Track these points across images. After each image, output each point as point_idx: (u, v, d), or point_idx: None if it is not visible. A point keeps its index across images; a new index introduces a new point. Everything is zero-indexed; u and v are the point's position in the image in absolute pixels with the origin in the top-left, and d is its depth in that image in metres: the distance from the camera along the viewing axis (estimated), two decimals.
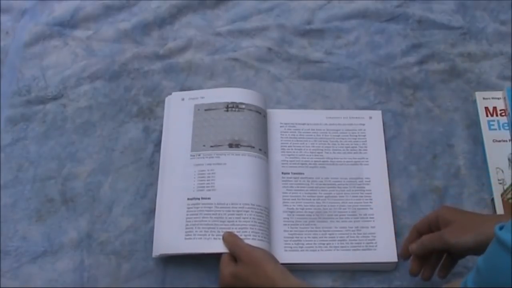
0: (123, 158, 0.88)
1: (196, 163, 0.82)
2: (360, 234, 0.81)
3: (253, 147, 0.82)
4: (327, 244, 0.80)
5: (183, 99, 0.88)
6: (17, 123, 0.90)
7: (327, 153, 0.86)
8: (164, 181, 0.83)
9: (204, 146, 0.83)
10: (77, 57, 0.96)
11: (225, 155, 0.82)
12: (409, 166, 0.87)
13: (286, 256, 0.78)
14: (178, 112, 0.87)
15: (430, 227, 0.73)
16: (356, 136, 0.88)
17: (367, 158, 0.86)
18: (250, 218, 0.77)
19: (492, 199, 0.84)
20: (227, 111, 0.85)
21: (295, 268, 0.77)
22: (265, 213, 0.79)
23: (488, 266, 0.52)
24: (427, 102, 0.93)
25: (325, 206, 0.82)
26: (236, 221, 0.77)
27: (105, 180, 0.86)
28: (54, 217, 0.83)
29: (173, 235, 0.77)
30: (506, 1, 1.02)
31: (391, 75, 0.95)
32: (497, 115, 0.90)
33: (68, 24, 0.99)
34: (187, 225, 0.78)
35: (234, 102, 0.86)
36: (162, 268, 0.79)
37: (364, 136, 0.88)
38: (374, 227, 0.81)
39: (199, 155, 0.83)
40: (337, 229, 0.81)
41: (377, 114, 0.90)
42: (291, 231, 0.81)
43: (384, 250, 0.80)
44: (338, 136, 0.88)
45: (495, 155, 0.86)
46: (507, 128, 0.89)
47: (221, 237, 0.76)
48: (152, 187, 0.84)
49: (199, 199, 0.79)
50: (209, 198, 0.79)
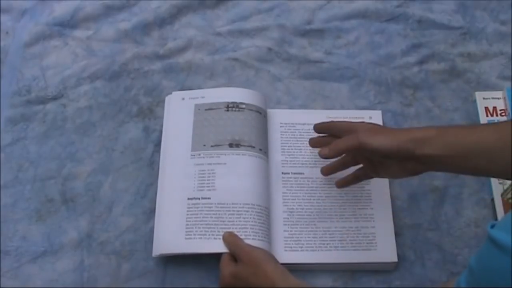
0: (123, 158, 0.88)
1: (196, 163, 0.82)
2: (360, 234, 0.81)
3: (254, 147, 0.82)
4: (327, 244, 0.80)
5: (183, 99, 0.88)
6: (17, 123, 0.90)
7: None
8: (164, 181, 0.83)
9: (205, 146, 0.83)
10: (77, 57, 0.96)
11: (226, 155, 0.82)
12: None
13: (286, 256, 0.78)
14: (178, 112, 0.87)
15: (343, 132, 0.73)
16: None
17: None
18: (250, 218, 0.77)
19: (492, 199, 0.84)
20: (228, 111, 0.85)
21: (295, 268, 0.77)
22: (265, 213, 0.79)
23: (481, 266, 0.52)
24: (427, 102, 0.93)
25: (325, 206, 0.82)
26: (236, 221, 0.77)
27: (105, 180, 0.86)
28: (54, 217, 0.83)
29: (173, 235, 0.77)
30: (506, 1, 1.02)
31: (391, 75, 0.95)
32: (497, 115, 0.90)
33: (68, 24, 0.99)
34: (187, 225, 0.78)
35: (235, 102, 0.86)
36: (162, 268, 0.80)
37: None
38: (374, 227, 0.81)
39: (199, 155, 0.83)
40: (337, 229, 0.81)
41: (377, 114, 0.90)
42: (291, 231, 0.81)
43: (384, 250, 0.80)
44: None
45: None
46: None
47: (221, 237, 0.76)
48: (152, 187, 0.84)
49: (199, 199, 0.79)
50: (209, 198, 0.79)
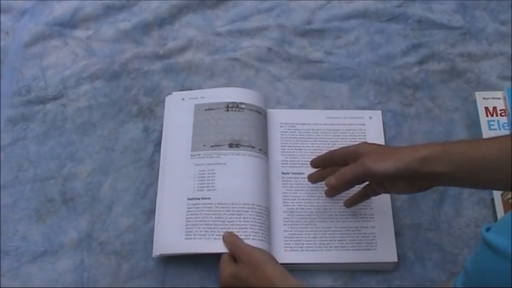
0: (123, 158, 0.88)
1: (196, 163, 0.82)
2: (360, 234, 0.81)
3: (254, 147, 0.82)
4: (327, 244, 0.80)
5: (183, 99, 0.88)
6: (17, 123, 0.90)
7: None
8: (164, 181, 0.83)
9: (205, 146, 0.83)
10: (77, 57, 0.96)
11: (225, 155, 0.82)
12: None
13: (286, 256, 0.78)
14: (178, 112, 0.87)
15: (345, 159, 0.73)
16: (356, 136, 0.88)
17: None
18: (250, 218, 0.77)
19: (492, 199, 0.84)
20: (228, 111, 0.85)
21: (295, 268, 0.77)
22: (265, 213, 0.79)
23: (476, 268, 0.52)
24: (427, 102, 0.93)
25: (325, 206, 0.82)
26: (236, 221, 0.77)
27: (105, 180, 0.86)
28: (54, 217, 0.83)
29: (173, 235, 0.77)
30: (506, 1, 1.02)
31: (391, 75, 0.95)
32: (497, 115, 0.90)
33: (68, 24, 0.99)
34: (187, 225, 0.78)
35: (235, 102, 0.86)
36: (162, 268, 0.80)
37: (364, 136, 0.88)
38: (374, 227, 0.81)
39: (199, 155, 0.83)
40: (337, 229, 0.81)
41: (377, 114, 0.90)
42: (291, 231, 0.81)
43: (384, 250, 0.80)
44: (338, 136, 0.88)
45: None
46: (507, 128, 0.89)
47: (221, 237, 0.76)
48: (152, 187, 0.84)
49: (199, 199, 0.79)
50: (209, 198, 0.79)
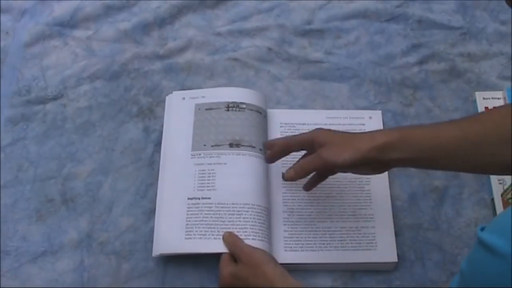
0: (123, 158, 0.88)
1: (197, 163, 0.82)
2: (360, 234, 0.81)
3: (254, 147, 0.82)
4: (327, 244, 0.80)
5: (184, 99, 0.88)
6: (17, 123, 0.90)
7: None
8: (165, 180, 0.83)
9: (205, 146, 0.83)
10: (77, 57, 0.96)
11: (226, 155, 0.82)
12: None
13: (286, 256, 0.78)
14: (179, 111, 0.87)
15: (301, 147, 0.75)
16: None
17: None
18: (251, 218, 0.77)
19: (492, 199, 0.84)
20: (228, 111, 0.85)
21: (295, 268, 0.77)
22: (265, 213, 0.79)
23: (472, 269, 0.52)
24: (427, 102, 0.93)
25: (325, 206, 0.82)
26: (236, 221, 0.77)
27: (105, 180, 0.86)
28: (54, 217, 0.83)
29: (173, 235, 0.77)
30: None
31: (391, 75, 0.95)
32: None
33: (68, 24, 0.99)
34: (187, 225, 0.78)
35: (235, 102, 0.86)
36: (162, 268, 0.80)
37: None
38: (374, 227, 0.81)
39: (200, 155, 0.83)
40: (337, 229, 0.81)
41: (377, 114, 0.90)
42: (291, 231, 0.81)
43: (384, 250, 0.79)
44: None
45: None
46: None
47: (221, 237, 0.76)
48: (152, 187, 0.84)
49: (200, 199, 0.79)
50: (210, 198, 0.79)
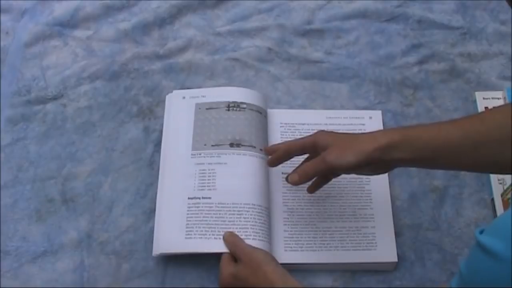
0: (123, 158, 0.88)
1: (197, 162, 0.82)
2: (360, 234, 0.80)
3: (254, 147, 0.82)
4: (327, 244, 0.80)
5: (184, 98, 0.88)
6: (17, 123, 0.90)
7: None
8: (165, 180, 0.82)
9: (205, 145, 0.83)
10: (77, 57, 0.96)
11: (226, 155, 0.82)
12: None
13: (286, 256, 0.78)
14: (179, 111, 0.87)
15: (304, 151, 0.75)
16: None
17: None
18: (251, 218, 0.77)
19: (492, 199, 0.84)
20: (229, 110, 0.85)
21: (295, 268, 0.77)
22: (266, 213, 0.79)
23: (470, 271, 0.52)
24: (427, 102, 0.93)
25: (325, 206, 0.82)
26: (237, 221, 0.77)
27: (105, 180, 0.86)
28: (54, 217, 0.83)
29: (174, 234, 0.77)
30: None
31: (391, 75, 0.95)
32: None
33: (68, 24, 0.99)
34: (188, 224, 0.78)
35: (236, 102, 0.86)
36: (162, 268, 0.79)
37: None
38: (374, 227, 0.81)
39: (200, 154, 0.83)
40: (337, 229, 0.81)
41: (377, 114, 0.90)
42: (291, 231, 0.81)
43: (384, 250, 0.79)
44: None
45: None
46: None
47: (222, 237, 0.76)
48: (152, 187, 0.84)
49: (200, 198, 0.79)
50: (210, 198, 0.79)
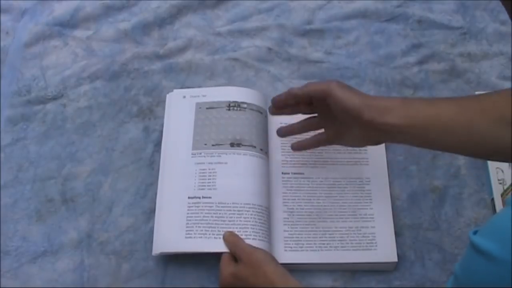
0: (123, 158, 0.88)
1: (197, 162, 0.82)
2: (360, 234, 0.81)
3: (255, 147, 0.82)
4: (327, 244, 0.80)
5: (185, 97, 0.88)
6: (17, 123, 0.90)
7: (327, 153, 0.86)
8: (165, 179, 0.82)
9: (206, 145, 0.83)
10: (77, 57, 0.96)
11: (227, 154, 0.82)
12: (409, 166, 0.87)
13: (286, 256, 0.78)
14: (179, 110, 0.87)
15: (311, 98, 0.73)
16: None
17: (367, 158, 0.86)
18: (251, 218, 0.77)
19: (492, 199, 0.84)
20: (229, 110, 0.85)
21: (295, 268, 0.77)
22: (266, 213, 0.79)
23: (465, 272, 0.52)
24: None
25: (325, 206, 0.82)
26: (237, 221, 0.77)
27: (105, 180, 0.86)
28: (54, 217, 0.83)
29: (174, 234, 0.77)
30: None
31: (391, 75, 0.95)
32: None
33: (68, 24, 0.99)
34: (188, 224, 0.78)
35: (236, 101, 0.86)
36: (162, 268, 0.80)
37: None
38: (374, 227, 0.81)
39: (200, 154, 0.83)
40: (337, 229, 0.81)
41: None
42: (291, 231, 0.81)
43: (384, 250, 0.79)
44: None
45: None
46: None
47: (222, 237, 0.76)
48: (152, 187, 0.84)
49: (200, 198, 0.79)
50: (210, 197, 0.79)
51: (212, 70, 0.96)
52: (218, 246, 0.75)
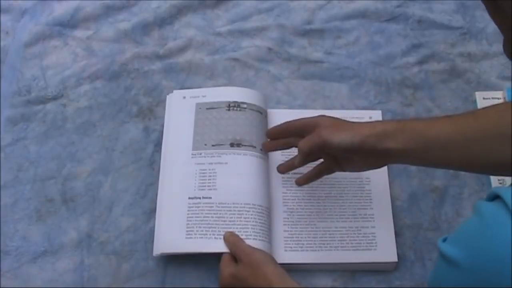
0: (123, 158, 0.88)
1: (197, 162, 0.82)
2: (360, 234, 0.80)
3: (255, 147, 0.82)
4: (327, 244, 0.80)
5: (185, 97, 0.88)
6: (17, 123, 0.90)
7: None
8: (165, 180, 0.82)
9: (206, 145, 0.83)
10: (77, 57, 0.97)
11: (227, 155, 0.82)
12: (409, 166, 0.87)
13: (286, 256, 0.78)
14: (179, 111, 0.87)
15: (302, 131, 0.74)
16: None
17: None
18: (251, 218, 0.77)
19: None
20: (229, 110, 0.85)
21: (295, 268, 0.77)
22: (266, 213, 0.79)
23: (436, 280, 0.52)
24: (427, 102, 0.93)
25: (325, 206, 0.82)
26: (237, 221, 0.77)
27: (105, 180, 0.86)
28: (54, 217, 0.83)
29: (174, 234, 0.77)
30: None
31: (391, 75, 0.95)
32: None
33: (68, 24, 0.99)
34: (188, 224, 0.78)
35: (236, 102, 0.86)
36: (162, 268, 0.80)
37: None
38: (374, 227, 0.81)
39: (200, 154, 0.83)
40: (337, 229, 0.81)
41: (377, 114, 0.90)
42: (291, 231, 0.81)
43: (384, 250, 0.79)
44: None
45: None
46: None
47: (222, 237, 0.76)
48: (152, 187, 0.84)
49: (200, 198, 0.79)
50: (210, 198, 0.79)
51: (212, 70, 0.96)
52: (219, 247, 0.75)
